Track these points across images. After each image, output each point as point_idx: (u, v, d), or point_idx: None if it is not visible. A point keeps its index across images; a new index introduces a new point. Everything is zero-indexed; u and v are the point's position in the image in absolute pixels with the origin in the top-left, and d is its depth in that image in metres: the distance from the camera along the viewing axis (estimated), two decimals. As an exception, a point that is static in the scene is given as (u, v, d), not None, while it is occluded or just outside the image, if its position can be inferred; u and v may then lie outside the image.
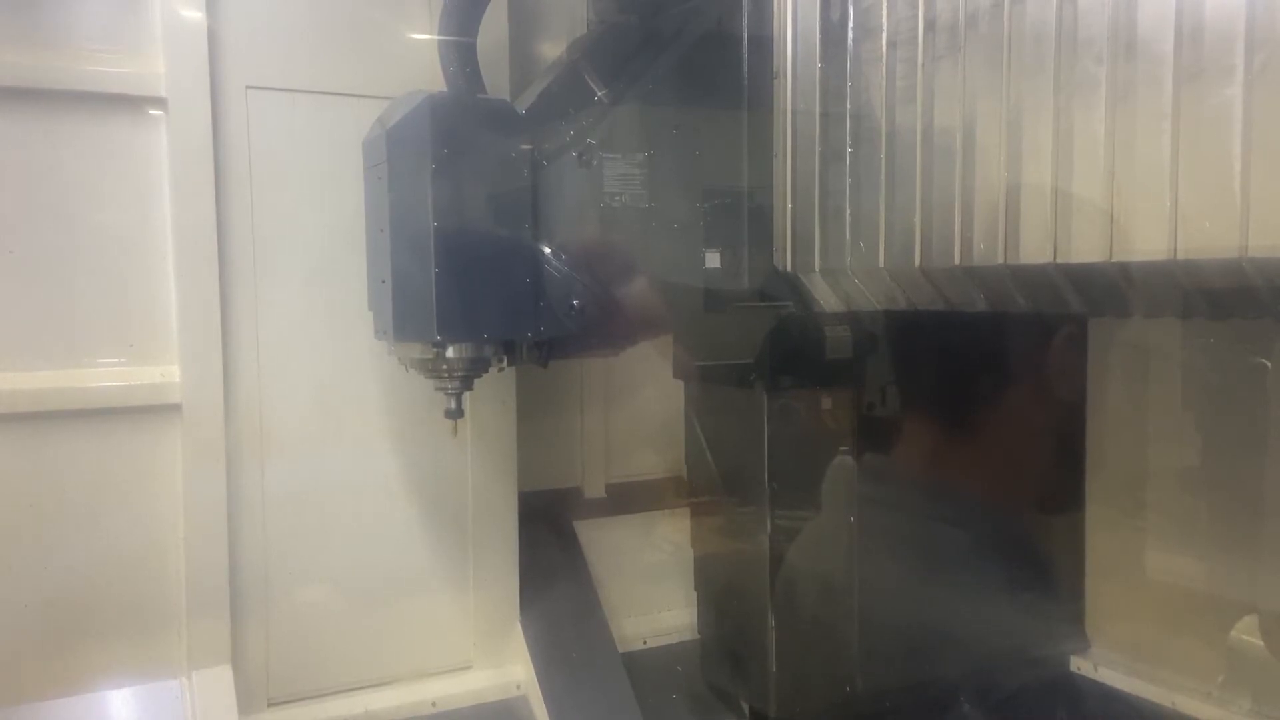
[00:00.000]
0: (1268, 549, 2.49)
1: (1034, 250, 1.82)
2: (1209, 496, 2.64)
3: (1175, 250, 1.60)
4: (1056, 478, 2.98)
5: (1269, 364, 2.36)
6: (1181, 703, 2.65)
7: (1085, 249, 1.74)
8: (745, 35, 2.45)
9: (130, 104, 2.41)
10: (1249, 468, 2.50)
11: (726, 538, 2.98)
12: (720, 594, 3.01)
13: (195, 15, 2.41)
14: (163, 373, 2.47)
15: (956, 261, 1.97)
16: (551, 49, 2.80)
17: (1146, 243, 1.64)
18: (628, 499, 3.23)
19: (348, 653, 2.69)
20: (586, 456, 3.20)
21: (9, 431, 2.33)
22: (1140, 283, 1.72)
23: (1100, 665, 2.90)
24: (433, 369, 2.34)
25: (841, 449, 2.71)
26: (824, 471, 2.72)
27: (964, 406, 2.72)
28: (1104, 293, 1.80)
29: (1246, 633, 2.41)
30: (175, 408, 2.46)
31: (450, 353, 2.30)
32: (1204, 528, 2.66)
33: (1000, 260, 1.88)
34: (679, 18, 2.48)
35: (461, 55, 2.43)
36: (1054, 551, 2.97)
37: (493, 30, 2.61)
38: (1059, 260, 1.77)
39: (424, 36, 2.60)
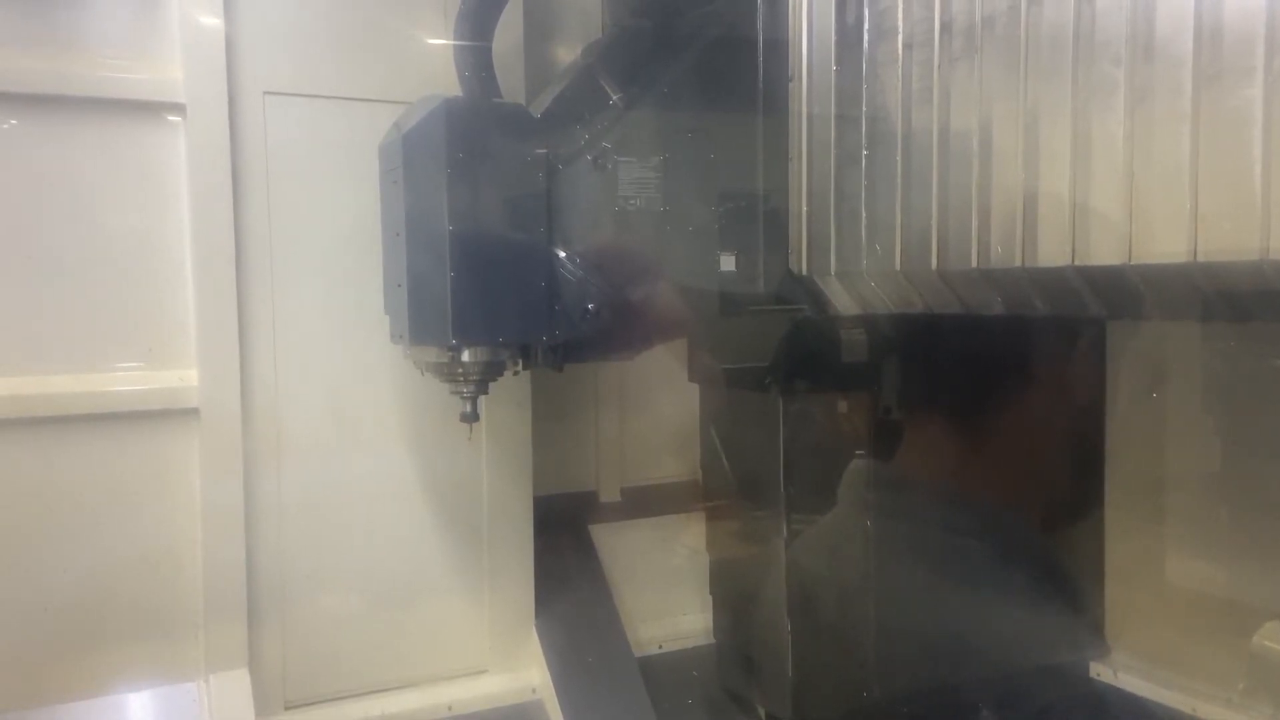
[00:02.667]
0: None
1: (1052, 253, 1.80)
2: (1229, 501, 2.61)
3: (1195, 253, 1.58)
4: (1075, 482, 2.95)
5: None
6: (1202, 709, 2.62)
7: (1104, 251, 1.72)
8: (760, 39, 2.45)
9: (148, 110, 2.42)
10: (1270, 472, 2.48)
11: (742, 542, 2.98)
12: (736, 598, 3.01)
13: (213, 22, 2.43)
14: (180, 377, 2.48)
15: (974, 264, 1.96)
16: (566, 53, 2.80)
17: (1166, 245, 1.62)
18: (643, 503, 3.22)
19: (364, 656, 2.70)
20: (601, 460, 3.19)
21: (28, 435, 2.35)
22: (1159, 285, 1.71)
23: (1120, 671, 2.87)
24: (448, 373, 2.34)
25: (858, 453, 2.70)
26: (840, 475, 2.70)
27: (981, 410, 2.70)
28: (1123, 295, 1.78)
29: (1269, 638, 2.39)
30: (193, 412, 2.48)
31: (466, 356, 2.30)
32: (1224, 532, 2.64)
33: (1018, 263, 1.87)
34: (694, 22, 2.48)
35: (477, 60, 2.44)
36: (1073, 556, 2.95)
37: (508, 34, 2.62)
38: (1077, 263, 1.76)
39: (440, 41, 2.61)
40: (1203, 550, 2.69)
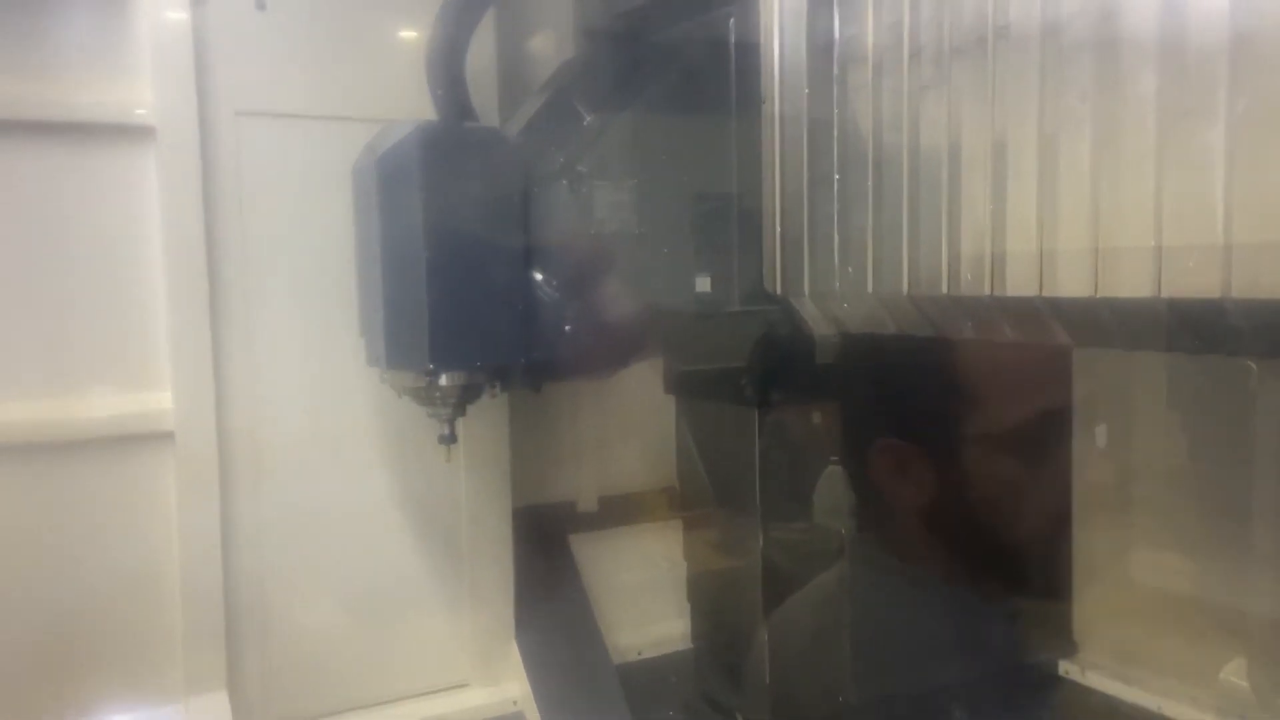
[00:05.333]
0: (1250, 555, 2.53)
1: (1020, 283, 1.83)
2: (1192, 502, 2.68)
3: (1159, 288, 1.62)
4: (1044, 486, 3.00)
5: (1253, 368, 2.39)
6: (1168, 706, 2.68)
7: (1071, 283, 1.75)
8: (733, 61, 2.45)
9: (118, 133, 2.41)
10: (1229, 478, 2.54)
11: (719, 549, 3.00)
12: (713, 605, 3.03)
13: (183, 43, 2.40)
14: (155, 400, 2.47)
15: (944, 290, 1.99)
16: (539, 70, 2.79)
17: (1131, 279, 1.66)
18: (621, 512, 3.24)
19: (344, 674, 2.71)
20: (579, 470, 3.21)
21: (2, 463, 2.34)
22: (1125, 317, 1.74)
23: (1088, 669, 2.93)
24: (426, 396, 2.36)
25: (832, 459, 2.72)
26: (815, 484, 2.73)
27: (952, 421, 2.74)
28: (1089, 326, 1.81)
29: (1234, 675, 2.45)
30: (168, 435, 2.47)
31: (443, 380, 2.31)
32: (1189, 534, 2.70)
33: (987, 291, 1.90)
34: (667, 44, 2.48)
35: (450, 79, 2.44)
36: (1042, 558, 3.00)
37: (480, 50, 2.61)
38: (1045, 294, 1.79)
39: (413, 60, 2.59)
40: (1167, 552, 2.76)
